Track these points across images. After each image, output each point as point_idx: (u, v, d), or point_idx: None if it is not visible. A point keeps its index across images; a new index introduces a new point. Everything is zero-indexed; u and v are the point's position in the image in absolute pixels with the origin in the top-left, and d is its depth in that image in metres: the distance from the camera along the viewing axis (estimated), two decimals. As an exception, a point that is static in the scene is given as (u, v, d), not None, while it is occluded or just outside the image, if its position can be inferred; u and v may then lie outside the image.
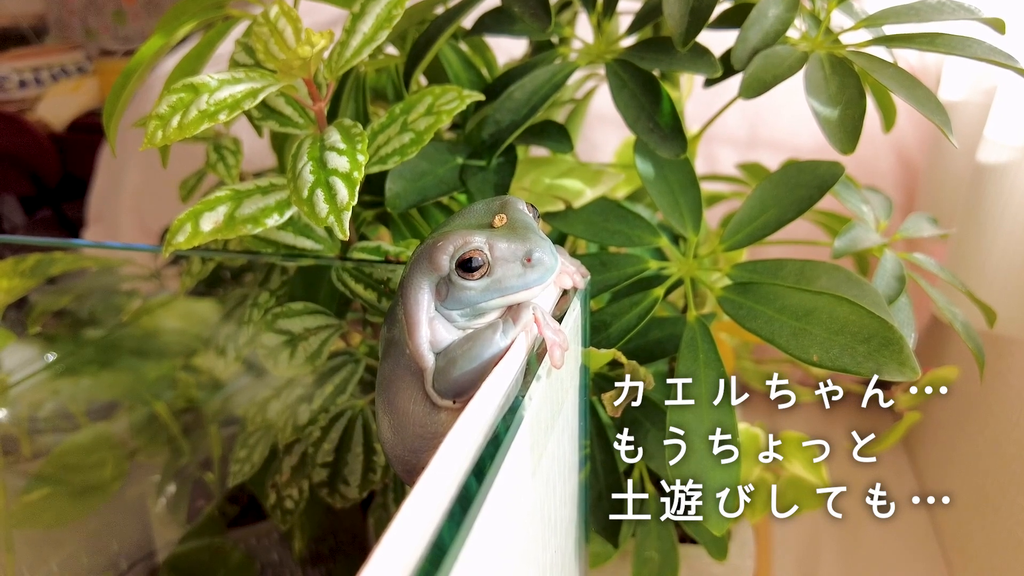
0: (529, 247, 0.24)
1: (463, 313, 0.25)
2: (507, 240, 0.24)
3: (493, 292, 0.24)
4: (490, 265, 0.24)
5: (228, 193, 0.32)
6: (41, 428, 0.49)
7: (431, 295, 0.25)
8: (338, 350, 0.38)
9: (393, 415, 0.26)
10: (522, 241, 0.24)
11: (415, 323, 0.25)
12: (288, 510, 0.40)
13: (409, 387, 0.26)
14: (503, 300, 0.25)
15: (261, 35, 0.31)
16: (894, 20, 0.34)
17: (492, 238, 0.24)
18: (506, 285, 0.24)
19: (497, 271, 0.24)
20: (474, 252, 0.24)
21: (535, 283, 0.25)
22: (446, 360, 0.25)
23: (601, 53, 0.38)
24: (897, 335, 0.27)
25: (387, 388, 0.27)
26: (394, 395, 0.26)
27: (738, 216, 0.35)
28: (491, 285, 0.24)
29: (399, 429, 0.26)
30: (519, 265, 0.24)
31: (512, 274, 0.24)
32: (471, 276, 0.24)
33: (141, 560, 0.50)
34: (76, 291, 0.51)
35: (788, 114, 0.69)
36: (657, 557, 0.39)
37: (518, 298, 0.25)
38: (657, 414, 0.35)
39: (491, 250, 0.24)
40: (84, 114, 1.69)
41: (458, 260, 0.24)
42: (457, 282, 0.24)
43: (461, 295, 0.25)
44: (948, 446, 0.61)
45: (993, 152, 0.48)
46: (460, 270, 0.24)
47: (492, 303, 0.25)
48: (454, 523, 0.16)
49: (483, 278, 0.24)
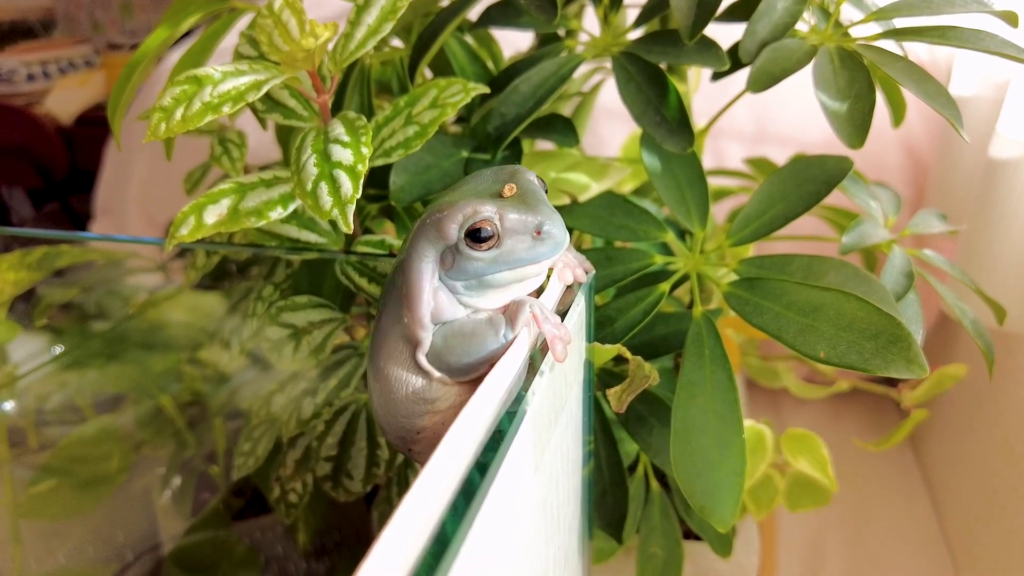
0: (540, 219, 0.23)
1: (468, 285, 0.24)
2: (518, 211, 0.23)
3: (501, 264, 0.24)
4: (500, 236, 0.23)
5: (232, 186, 0.32)
6: (48, 420, 0.49)
7: (436, 265, 0.24)
8: (342, 344, 0.38)
9: (385, 381, 0.26)
10: (533, 213, 0.23)
11: (417, 292, 0.24)
12: (292, 503, 0.40)
13: (402, 354, 0.25)
14: (511, 273, 0.24)
15: (265, 27, 0.30)
16: (905, 13, 0.33)
17: (503, 208, 0.23)
18: (515, 257, 0.24)
19: (506, 242, 0.23)
20: (484, 222, 0.23)
21: (544, 256, 0.24)
22: (443, 343, 0.24)
23: (608, 46, 0.37)
24: (905, 332, 0.27)
25: (379, 354, 0.26)
26: (386, 361, 0.26)
27: (745, 211, 0.34)
28: (500, 257, 0.24)
29: (391, 395, 0.26)
30: (529, 237, 0.24)
31: (522, 246, 0.24)
32: (480, 247, 0.23)
33: (146, 552, 0.50)
34: (83, 284, 0.51)
35: (796, 108, 0.68)
36: (661, 553, 0.39)
37: (526, 272, 0.24)
38: (662, 410, 0.35)
39: (501, 221, 0.23)
40: (91, 107, 1.69)
41: (467, 230, 0.23)
42: (465, 252, 0.23)
43: (468, 266, 0.24)
44: (956, 444, 0.61)
45: (1005, 147, 0.47)
46: (469, 240, 0.23)
47: (499, 276, 0.24)
48: (456, 517, 0.16)
49: (492, 249, 0.23)
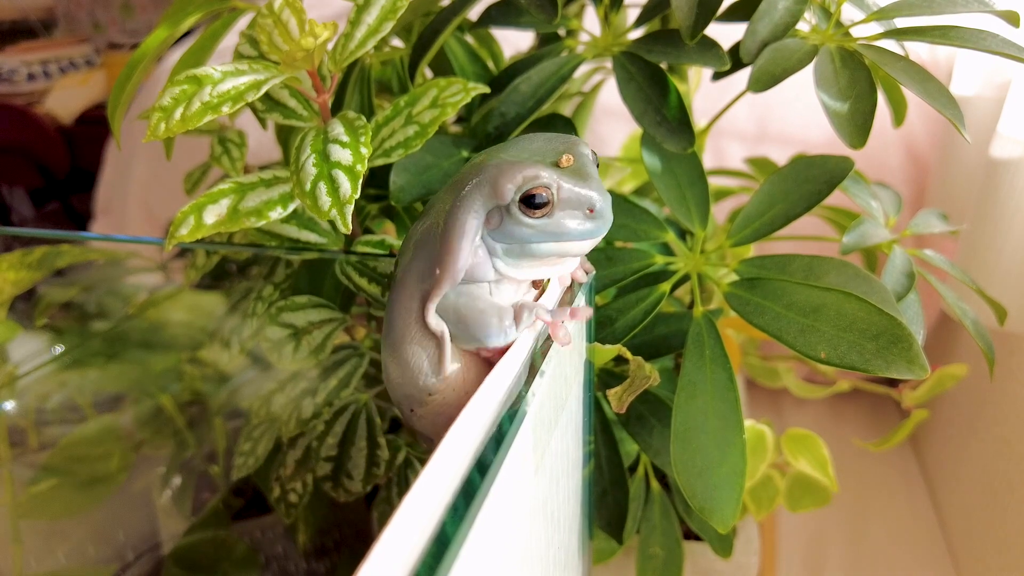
0: (595, 196, 0.23)
1: (508, 249, 0.24)
2: (575, 184, 0.23)
3: (548, 235, 0.23)
4: (553, 205, 0.23)
5: (231, 186, 0.32)
6: (48, 420, 0.49)
7: (481, 222, 0.23)
8: (342, 344, 0.38)
9: (398, 340, 0.25)
10: (589, 188, 0.23)
11: (458, 246, 0.23)
12: (292, 503, 0.40)
13: (419, 311, 0.24)
14: (555, 246, 0.24)
15: (265, 26, 0.30)
16: (906, 13, 0.33)
17: (561, 178, 0.23)
18: (564, 230, 0.23)
19: (558, 214, 0.23)
20: (541, 188, 0.23)
21: (592, 235, 0.23)
22: (455, 302, 0.24)
23: (608, 46, 0.37)
24: (906, 332, 0.27)
25: (395, 310, 0.25)
26: (403, 319, 0.25)
27: (746, 211, 0.34)
28: (548, 227, 0.23)
29: (402, 355, 0.25)
30: (581, 213, 0.23)
31: (572, 221, 0.23)
32: (532, 213, 0.23)
33: (147, 552, 0.50)
34: (83, 283, 0.51)
35: (798, 109, 0.68)
36: (661, 553, 0.39)
37: (569, 247, 0.24)
38: (663, 410, 0.34)
39: (558, 191, 0.23)
40: (92, 107, 1.70)
41: (523, 194, 0.23)
42: (515, 215, 0.23)
43: (515, 230, 0.23)
44: (957, 444, 0.60)
45: (1006, 148, 0.47)
46: (522, 204, 0.23)
47: (543, 246, 0.24)
48: (457, 517, 0.16)
49: (543, 218, 0.23)
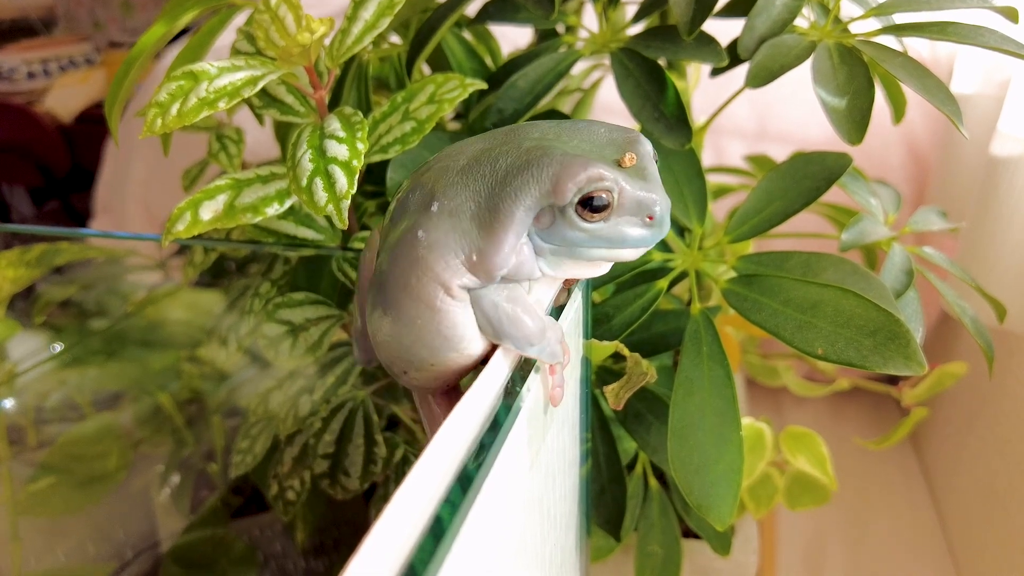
0: (657, 203, 0.21)
1: (556, 250, 0.22)
2: (639, 188, 0.21)
3: (602, 240, 0.21)
4: (612, 209, 0.21)
5: (228, 182, 0.32)
6: (47, 418, 0.49)
7: (531, 217, 0.21)
8: (339, 341, 0.38)
9: (404, 301, 0.23)
10: (652, 193, 0.21)
11: (503, 238, 0.21)
12: (290, 501, 0.40)
13: (436, 283, 0.22)
14: (606, 252, 0.22)
15: (262, 22, 0.30)
16: (905, 8, 0.33)
17: (624, 180, 0.21)
18: (620, 237, 0.21)
19: (615, 218, 0.21)
20: (603, 191, 0.21)
21: (647, 244, 0.22)
22: (492, 309, 0.22)
23: (607, 42, 0.37)
24: (903, 328, 0.26)
25: (399, 265, 0.23)
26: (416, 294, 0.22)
27: (744, 207, 0.34)
28: (603, 231, 0.21)
29: (405, 320, 0.23)
30: (640, 219, 0.21)
31: (629, 227, 0.21)
32: (590, 216, 0.21)
33: (145, 550, 0.50)
34: (82, 281, 0.51)
35: (798, 106, 0.68)
36: (660, 552, 0.38)
37: (623, 255, 0.22)
38: (661, 408, 0.34)
39: (620, 194, 0.21)
40: (92, 105, 1.69)
41: (583, 195, 0.21)
42: (570, 217, 0.21)
43: (568, 233, 0.21)
44: (956, 443, 0.60)
45: (1006, 145, 0.47)
46: (580, 205, 0.21)
47: (594, 251, 0.22)
48: (452, 508, 0.16)
49: (600, 222, 0.21)
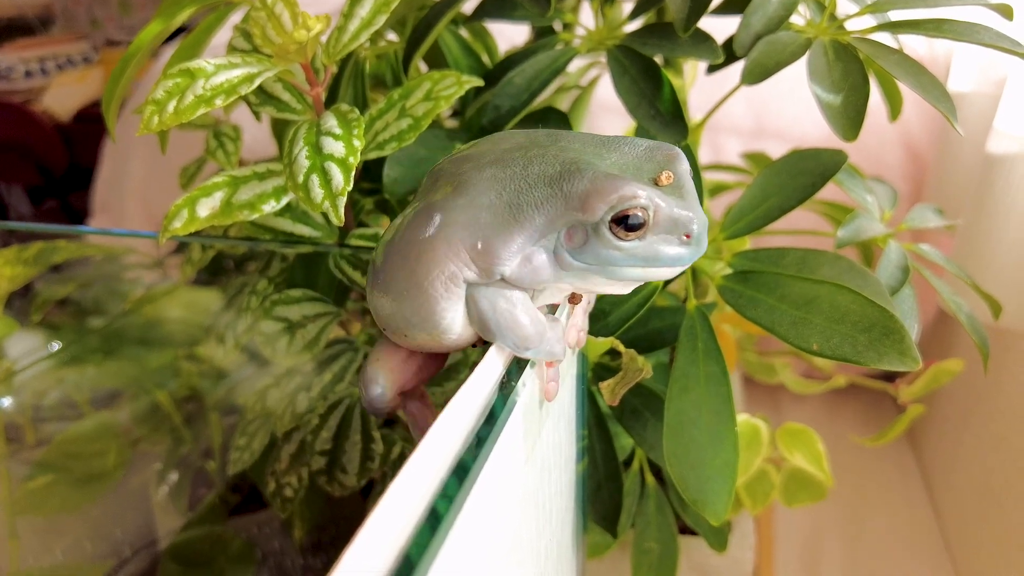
0: (694, 221, 0.20)
1: (587, 269, 0.21)
2: (676, 207, 0.20)
3: (637, 259, 0.21)
4: (647, 228, 0.20)
5: (225, 179, 0.32)
6: (45, 416, 0.49)
7: (549, 226, 0.21)
8: (336, 338, 0.38)
9: (402, 295, 0.22)
10: (689, 211, 0.20)
11: (511, 238, 0.21)
12: (288, 498, 0.40)
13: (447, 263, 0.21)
14: (643, 272, 0.21)
15: (258, 20, 0.30)
16: (900, 6, 0.33)
17: (660, 199, 0.20)
18: (655, 256, 0.21)
19: (651, 237, 0.20)
20: (638, 209, 0.20)
21: (683, 263, 0.21)
22: (491, 304, 0.21)
23: (603, 39, 0.37)
24: (898, 324, 0.26)
25: (408, 262, 0.22)
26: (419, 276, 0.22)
27: (740, 204, 0.34)
28: (638, 251, 0.21)
29: (408, 292, 0.22)
30: (676, 238, 0.21)
31: (666, 246, 0.21)
32: (625, 235, 0.20)
33: (143, 547, 0.50)
34: (79, 279, 0.51)
35: (795, 104, 0.68)
36: (656, 548, 0.39)
37: (659, 273, 0.21)
38: (657, 404, 0.34)
39: (655, 213, 0.20)
40: (90, 104, 1.69)
41: (617, 214, 0.20)
42: (604, 236, 0.20)
43: (602, 251, 0.21)
44: (953, 440, 0.60)
45: (1003, 143, 0.47)
46: (614, 223, 0.20)
47: (629, 270, 0.21)
48: (447, 498, 0.16)
49: (635, 240, 0.20)
